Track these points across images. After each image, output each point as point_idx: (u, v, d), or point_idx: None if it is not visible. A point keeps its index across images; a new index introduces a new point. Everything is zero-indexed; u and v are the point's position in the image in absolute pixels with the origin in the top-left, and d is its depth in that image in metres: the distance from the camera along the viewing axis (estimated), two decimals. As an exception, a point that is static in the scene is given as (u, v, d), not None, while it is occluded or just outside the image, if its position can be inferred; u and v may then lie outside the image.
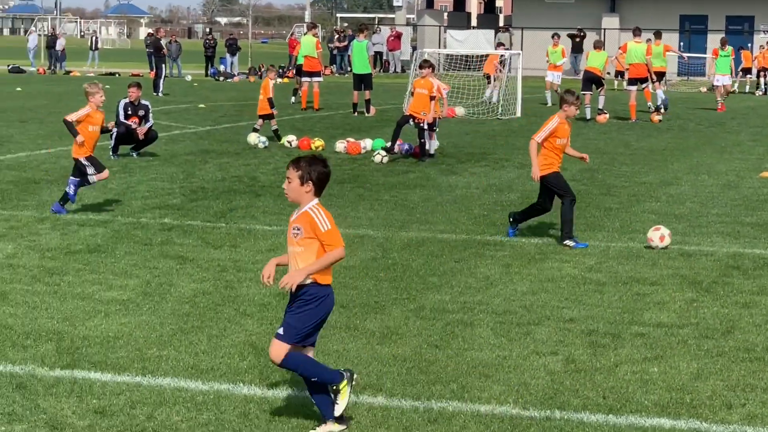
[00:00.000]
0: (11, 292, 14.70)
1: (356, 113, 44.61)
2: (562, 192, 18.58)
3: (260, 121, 33.67)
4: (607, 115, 43.96)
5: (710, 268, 17.09)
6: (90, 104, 20.28)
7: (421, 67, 31.67)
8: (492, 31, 79.79)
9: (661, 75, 46.35)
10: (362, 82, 45.17)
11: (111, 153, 28.91)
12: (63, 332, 12.91)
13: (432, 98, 29.57)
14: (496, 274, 16.41)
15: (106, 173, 20.63)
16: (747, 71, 68.69)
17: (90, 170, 20.27)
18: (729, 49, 52.34)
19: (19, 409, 10.44)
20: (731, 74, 53.90)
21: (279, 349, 9.86)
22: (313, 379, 9.95)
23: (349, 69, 55.44)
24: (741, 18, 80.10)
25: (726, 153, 33.14)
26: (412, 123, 29.78)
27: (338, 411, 9.81)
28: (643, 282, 16.07)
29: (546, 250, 18.19)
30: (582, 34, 77.85)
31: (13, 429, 9.95)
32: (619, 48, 53.20)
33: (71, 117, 20.25)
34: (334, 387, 9.87)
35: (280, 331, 9.91)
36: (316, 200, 10.00)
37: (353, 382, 9.94)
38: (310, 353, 10.11)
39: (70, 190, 20.31)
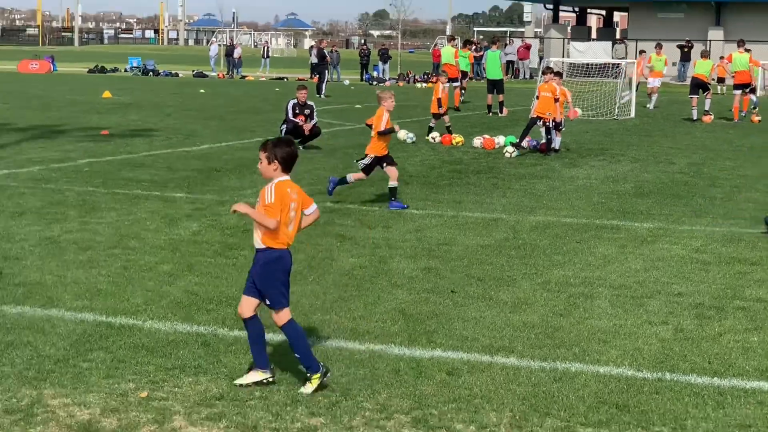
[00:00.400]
0: (197, 264, 14.93)
1: (490, 113, 44.65)
2: None
3: (433, 120, 33.62)
4: (712, 116, 43.40)
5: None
6: (383, 108, 20.24)
7: (544, 73, 31.59)
8: (609, 43, 79.13)
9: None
10: (495, 86, 45.39)
11: (281, 144, 29.13)
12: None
13: (556, 100, 29.53)
14: (612, 254, 16.31)
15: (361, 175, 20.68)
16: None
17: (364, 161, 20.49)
18: None
19: (204, 363, 10.61)
20: None
21: (281, 316, 10.05)
22: (297, 355, 10.05)
23: (484, 75, 55.22)
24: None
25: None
26: (539, 123, 29.73)
27: (305, 391, 9.83)
28: (744, 262, 15.88)
29: (657, 234, 18.02)
30: (690, 44, 76.79)
31: (198, 380, 10.11)
32: (723, 57, 52.29)
33: (381, 127, 20.14)
34: (309, 375, 9.92)
35: (268, 302, 10.04)
36: (284, 177, 9.97)
37: (325, 378, 9.90)
38: (289, 312, 10.11)
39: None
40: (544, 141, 29.78)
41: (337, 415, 9.28)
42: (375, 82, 72.37)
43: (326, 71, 59.38)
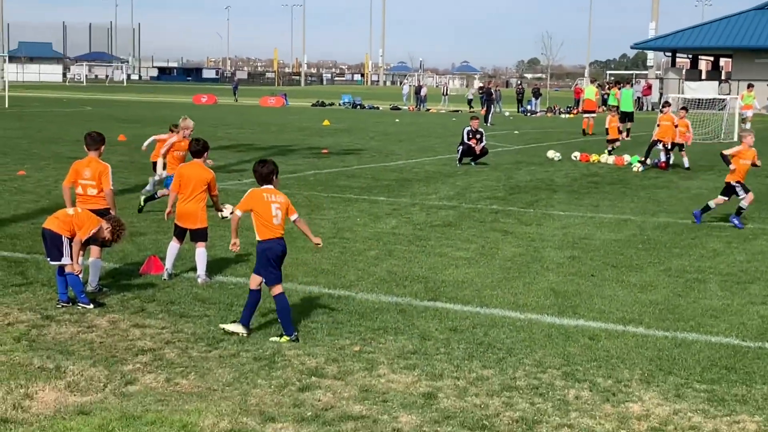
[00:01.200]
0: (395, 251, 15.02)
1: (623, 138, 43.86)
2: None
3: (609, 145, 33.61)
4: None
5: None
6: (744, 143, 18.65)
7: (663, 106, 31.01)
8: (716, 82, 77.01)
9: None
10: (627, 117, 44.56)
11: (457, 162, 29.22)
12: (428, 277, 13.14)
13: (676, 126, 29.05)
14: (720, 248, 15.88)
15: None
16: None
17: None
18: None
19: (402, 325, 10.67)
20: None
21: (273, 290, 10.22)
22: (279, 320, 10.21)
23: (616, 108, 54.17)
24: None
25: None
26: (659, 146, 29.17)
27: (273, 339, 10.05)
28: (827, 256, 15.30)
29: (756, 232, 17.48)
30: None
31: (397, 338, 10.17)
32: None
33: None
34: (281, 333, 10.08)
35: (264, 280, 10.25)
36: (260, 187, 10.47)
37: (293, 341, 9.95)
38: (280, 287, 10.26)
39: None
40: (663, 160, 29.15)
41: (503, 368, 9.25)
42: (529, 114, 71.75)
43: (492, 105, 59.21)
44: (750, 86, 52.00)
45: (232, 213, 11.04)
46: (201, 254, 12.70)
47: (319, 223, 17.42)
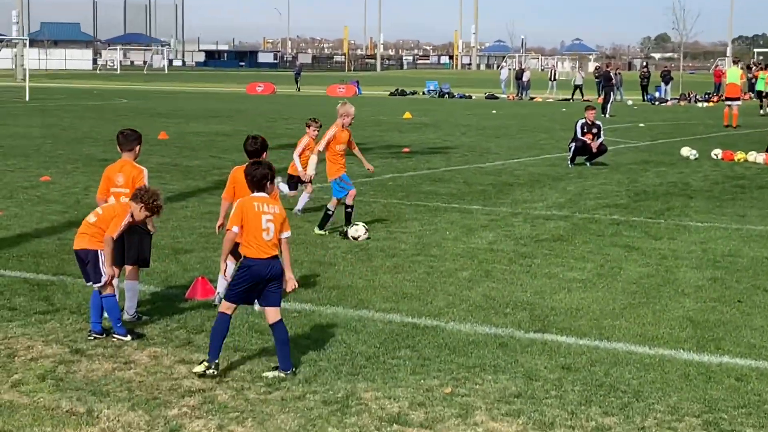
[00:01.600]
0: (493, 271, 14.97)
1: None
2: None
3: None
4: None
5: None
6: None
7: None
8: None
9: None
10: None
11: (569, 162, 29.09)
12: (535, 303, 13.08)
13: None
14: None
15: None
16: None
17: None
18: None
19: (502, 362, 10.63)
20: None
21: (224, 305, 10.27)
22: (210, 341, 10.24)
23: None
24: None
25: None
26: None
27: (196, 369, 10.12)
28: None
29: None
30: None
31: (497, 377, 10.12)
32: None
33: None
34: (204, 360, 10.11)
35: (225, 294, 10.43)
36: (250, 195, 10.50)
37: (211, 371, 10.02)
38: (272, 312, 10.29)
39: None
40: None
41: (629, 415, 9.16)
42: (657, 102, 71.21)
43: (611, 92, 58.85)
44: None
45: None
46: None
47: (399, 238, 17.43)
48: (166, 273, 14.31)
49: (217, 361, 10.08)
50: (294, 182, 20.02)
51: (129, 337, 11.29)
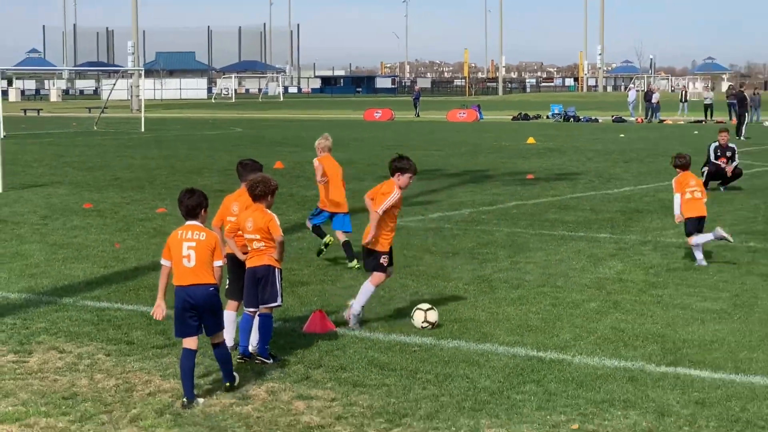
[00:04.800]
0: (622, 302, 14.88)
1: None
2: None
3: None
4: None
5: None
6: None
7: None
8: None
9: None
10: None
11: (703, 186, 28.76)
12: (666, 335, 12.96)
13: None
14: None
15: None
16: None
17: None
18: None
19: (632, 397, 10.56)
20: None
21: (186, 341, 10.58)
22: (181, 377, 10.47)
23: None
24: None
25: None
26: None
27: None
28: None
29: None
30: None
31: (627, 413, 10.06)
32: None
33: None
34: (185, 399, 10.33)
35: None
36: (187, 221, 10.88)
37: (186, 406, 10.27)
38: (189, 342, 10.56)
39: None
40: None
41: (768, 453, 9.03)
42: (797, 123, 70.02)
43: (746, 113, 58.09)
44: None
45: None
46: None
47: (523, 268, 17.42)
48: (283, 306, 14.44)
49: (191, 398, 10.38)
50: None
51: (271, 361, 11.69)
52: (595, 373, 11.35)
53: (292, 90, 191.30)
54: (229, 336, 11.92)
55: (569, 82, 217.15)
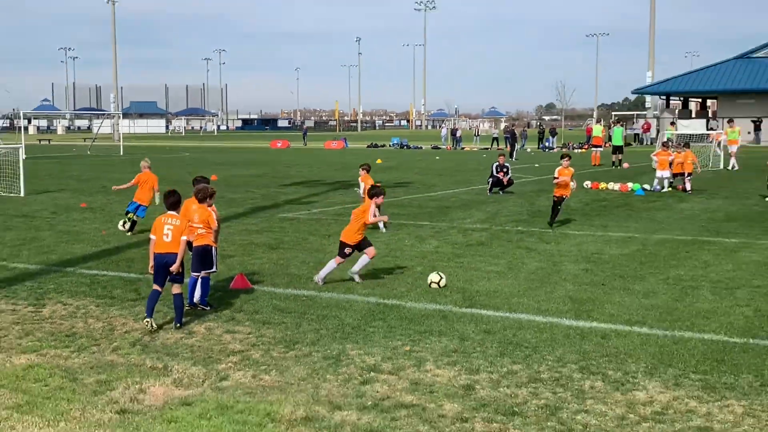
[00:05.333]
0: (437, 266, 14.81)
1: (615, 167, 43.42)
2: None
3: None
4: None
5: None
6: None
7: (662, 145, 31.05)
8: (704, 120, 76.05)
9: None
10: (617, 150, 44.80)
11: (488, 192, 29.13)
12: (465, 288, 13.06)
13: (670, 164, 29.37)
14: (710, 259, 15.64)
15: None
16: None
17: None
18: None
19: (444, 329, 10.62)
20: None
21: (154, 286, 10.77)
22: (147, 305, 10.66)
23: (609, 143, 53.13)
24: None
25: None
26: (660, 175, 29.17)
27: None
28: (801, 265, 15.02)
29: (741, 246, 17.20)
30: (759, 120, 73.24)
31: (440, 339, 10.14)
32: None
33: None
34: (148, 317, 10.54)
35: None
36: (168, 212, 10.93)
37: (149, 325, 10.49)
38: (175, 287, 10.76)
39: None
40: (680, 185, 29.36)
41: (530, 363, 9.20)
42: (547, 150, 71.24)
43: (516, 143, 59.07)
44: (731, 121, 50.78)
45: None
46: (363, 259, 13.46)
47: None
48: (217, 271, 14.25)
49: (151, 318, 10.56)
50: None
51: (209, 308, 11.62)
52: (420, 313, 11.42)
53: (222, 128, 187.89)
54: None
55: (404, 122, 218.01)
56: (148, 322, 10.54)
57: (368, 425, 7.42)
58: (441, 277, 13.12)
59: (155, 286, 10.71)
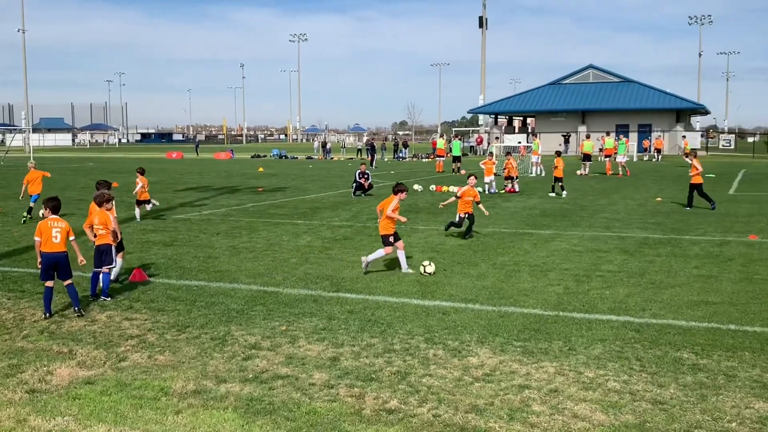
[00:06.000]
0: (310, 258, 14.83)
1: (454, 173, 44.41)
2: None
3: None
4: (588, 173, 42.94)
5: (634, 243, 16.64)
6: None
7: (490, 155, 31.92)
8: (525, 135, 78.79)
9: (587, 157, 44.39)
10: (457, 159, 46.02)
11: (352, 194, 29.24)
12: (333, 275, 13.03)
13: (495, 169, 30.22)
14: (529, 248, 16.16)
15: None
16: (648, 150, 66.74)
17: None
18: (624, 140, 49.31)
19: (314, 310, 10.55)
20: (626, 153, 50.51)
21: (49, 283, 10.36)
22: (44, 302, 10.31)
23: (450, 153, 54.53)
24: (646, 124, 77.58)
25: (640, 189, 32.15)
26: (486, 179, 29.93)
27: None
28: (600, 251, 15.70)
29: (553, 237, 17.87)
30: (568, 135, 76.32)
31: (311, 320, 10.07)
32: (600, 139, 51.51)
33: None
34: (46, 313, 10.21)
35: (40, 276, 10.50)
36: (50, 216, 10.54)
37: (46, 318, 10.15)
38: (66, 281, 10.38)
39: None
40: (496, 190, 30.04)
41: (385, 337, 9.25)
42: (401, 159, 72.08)
43: (375, 153, 59.50)
44: (535, 135, 53.03)
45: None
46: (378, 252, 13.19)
47: (256, 240, 17.21)
48: (114, 266, 13.74)
49: (48, 312, 10.21)
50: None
51: (110, 299, 11.17)
52: (295, 298, 11.32)
53: (124, 141, 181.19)
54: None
55: (282, 136, 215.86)
56: (47, 318, 10.10)
57: (249, 394, 7.32)
58: (430, 264, 13.07)
59: (47, 284, 10.27)
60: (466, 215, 17.47)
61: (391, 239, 13.35)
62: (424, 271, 12.97)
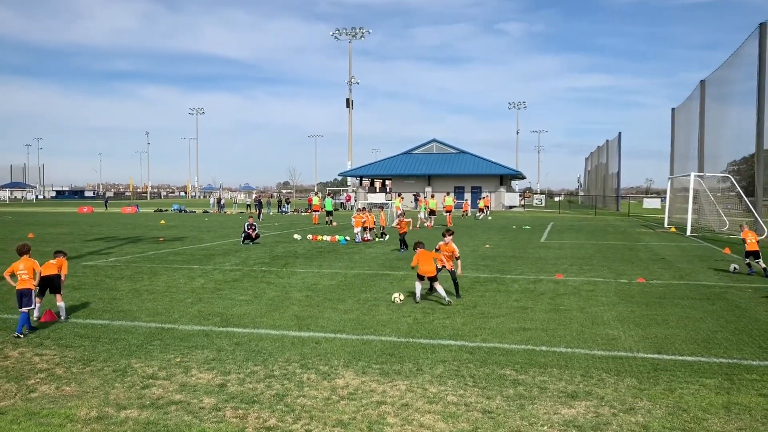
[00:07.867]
0: (203, 298, 14.31)
1: (327, 225, 44.51)
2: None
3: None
4: (432, 224, 43.98)
5: (468, 281, 16.98)
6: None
7: (359, 210, 32.11)
8: (384, 194, 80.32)
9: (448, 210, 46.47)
10: (329, 213, 46.14)
11: (241, 242, 28.65)
12: (223, 313, 12.64)
13: (364, 224, 30.48)
14: (387, 286, 16.11)
15: None
16: (481, 210, 69.53)
17: None
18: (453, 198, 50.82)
19: (206, 343, 10.15)
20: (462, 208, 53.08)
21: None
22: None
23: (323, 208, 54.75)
24: (477, 186, 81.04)
25: (473, 237, 33.27)
26: (360, 230, 30.11)
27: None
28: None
29: (405, 277, 18.08)
30: (418, 194, 78.37)
31: (203, 352, 9.72)
32: (444, 198, 52.92)
33: None
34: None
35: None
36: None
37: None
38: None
39: None
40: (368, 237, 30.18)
41: (267, 365, 9.00)
42: (284, 213, 71.37)
43: (262, 208, 58.68)
44: (399, 195, 54.17)
45: None
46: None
47: (156, 283, 16.47)
48: (32, 307, 12.76)
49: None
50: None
51: (23, 336, 10.50)
52: (189, 333, 10.91)
53: (41, 197, 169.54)
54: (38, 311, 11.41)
55: (182, 193, 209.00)
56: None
57: (146, 419, 6.96)
58: (399, 294, 13.18)
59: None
60: (447, 269, 14.54)
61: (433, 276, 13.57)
62: (397, 298, 13.42)
